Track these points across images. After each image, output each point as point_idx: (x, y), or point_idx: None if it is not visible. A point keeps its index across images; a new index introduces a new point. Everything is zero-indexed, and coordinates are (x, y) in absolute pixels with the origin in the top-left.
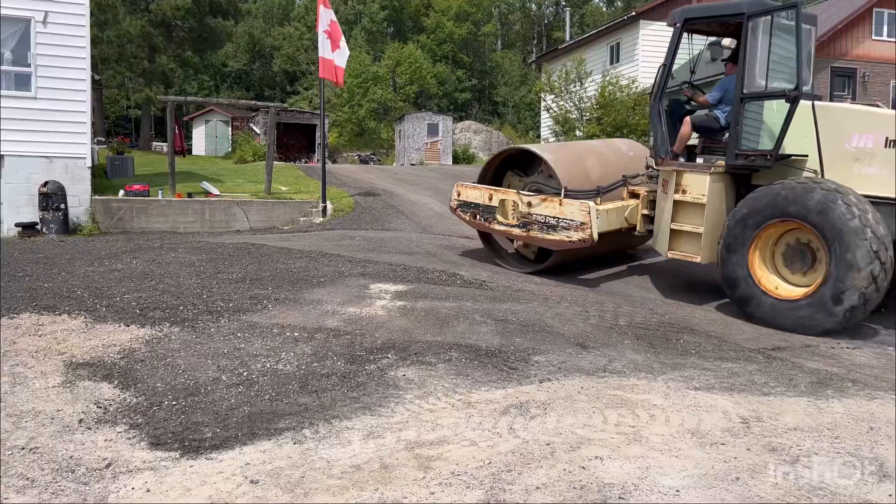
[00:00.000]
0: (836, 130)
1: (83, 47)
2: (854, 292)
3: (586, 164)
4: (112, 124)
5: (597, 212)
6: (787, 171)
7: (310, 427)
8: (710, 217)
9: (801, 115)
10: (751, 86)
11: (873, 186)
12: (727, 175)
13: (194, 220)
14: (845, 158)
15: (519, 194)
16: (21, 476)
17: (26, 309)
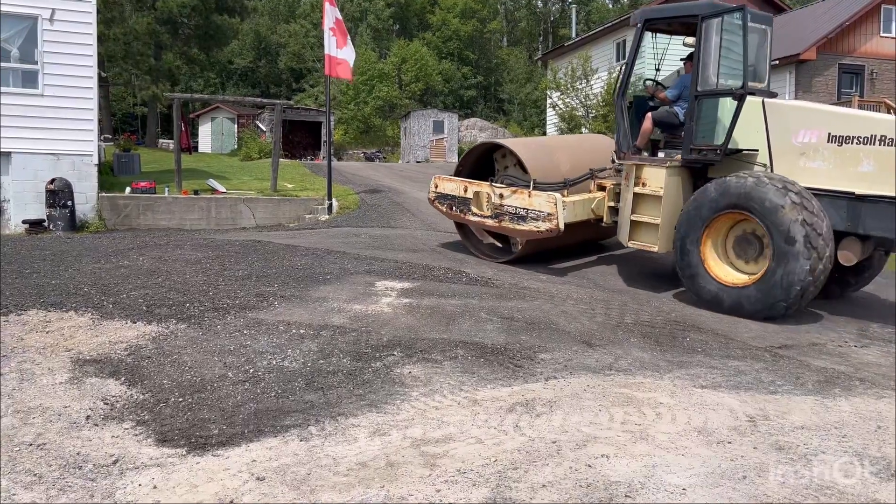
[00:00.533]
0: (783, 127)
1: (90, 45)
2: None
3: (556, 159)
4: (118, 122)
5: (563, 203)
6: (739, 165)
7: (316, 424)
8: (666, 209)
9: (752, 112)
10: (704, 84)
11: (817, 179)
12: (684, 169)
13: (200, 217)
14: (792, 153)
15: (491, 186)
16: (29, 472)
17: (34, 305)
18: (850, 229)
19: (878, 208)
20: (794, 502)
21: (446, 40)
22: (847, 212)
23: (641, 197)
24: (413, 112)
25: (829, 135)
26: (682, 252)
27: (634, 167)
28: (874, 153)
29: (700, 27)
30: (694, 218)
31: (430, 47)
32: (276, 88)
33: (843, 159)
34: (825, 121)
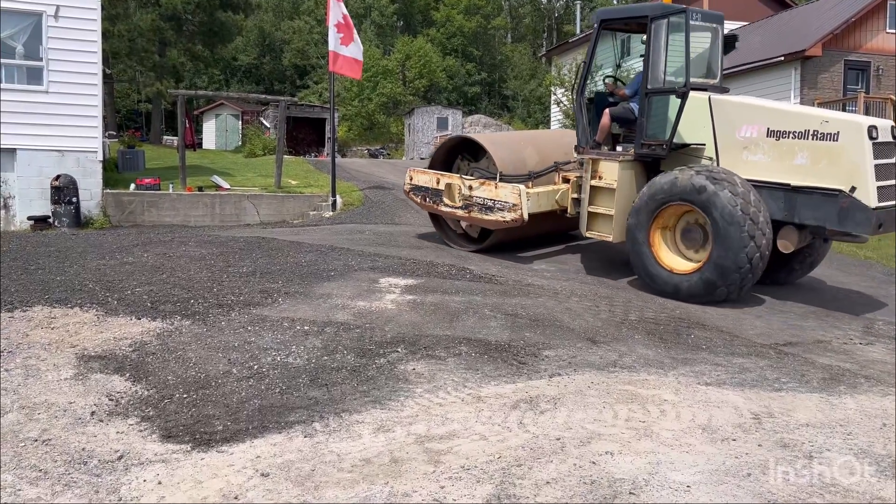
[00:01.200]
0: (728, 122)
1: (94, 41)
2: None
3: (524, 152)
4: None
5: (527, 195)
6: (688, 158)
7: (320, 420)
8: (620, 200)
9: (700, 109)
10: (653, 82)
11: (758, 172)
12: (637, 163)
13: (205, 213)
14: (736, 147)
15: (461, 178)
16: (34, 468)
17: (39, 302)
18: (787, 219)
19: (812, 199)
20: (798, 500)
21: (450, 37)
22: (784, 202)
23: (598, 189)
24: (417, 109)
25: (769, 130)
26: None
27: (591, 161)
28: (808, 147)
29: (649, 27)
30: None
31: (434, 44)
32: (280, 85)
33: (780, 153)
34: (765, 116)
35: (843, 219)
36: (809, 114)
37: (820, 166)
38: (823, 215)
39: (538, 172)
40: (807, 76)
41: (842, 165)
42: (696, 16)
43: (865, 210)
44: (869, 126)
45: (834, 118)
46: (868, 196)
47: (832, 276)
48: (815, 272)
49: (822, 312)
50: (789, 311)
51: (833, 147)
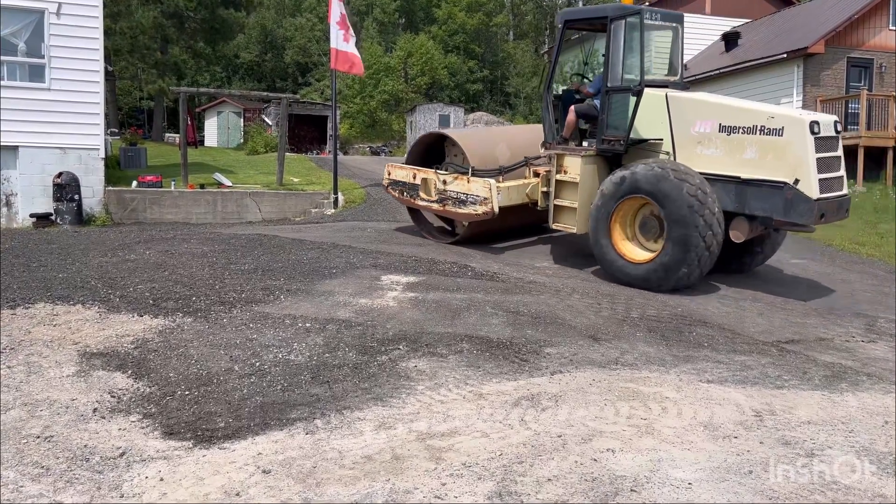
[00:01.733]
0: (683, 118)
1: (96, 38)
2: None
3: (496, 148)
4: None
5: (497, 188)
6: (647, 153)
7: (322, 417)
8: (583, 194)
9: (657, 105)
10: (612, 80)
11: (711, 165)
12: (599, 157)
13: (206, 211)
14: (691, 142)
15: (436, 173)
16: (36, 464)
17: (41, 299)
18: (738, 210)
19: (761, 191)
20: (800, 497)
21: (452, 34)
22: (735, 194)
23: (562, 183)
24: (419, 106)
25: (721, 125)
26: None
27: (557, 156)
28: (756, 142)
29: (609, 28)
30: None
31: (436, 41)
32: (281, 82)
33: (731, 147)
34: (717, 113)
35: (788, 210)
36: (757, 110)
37: (767, 160)
38: (771, 206)
39: (508, 167)
40: (809, 73)
41: (786, 159)
42: (656, 16)
43: (808, 201)
44: (811, 122)
45: (779, 114)
46: (811, 188)
47: (834, 274)
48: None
49: (824, 310)
50: (791, 308)
51: (778, 142)
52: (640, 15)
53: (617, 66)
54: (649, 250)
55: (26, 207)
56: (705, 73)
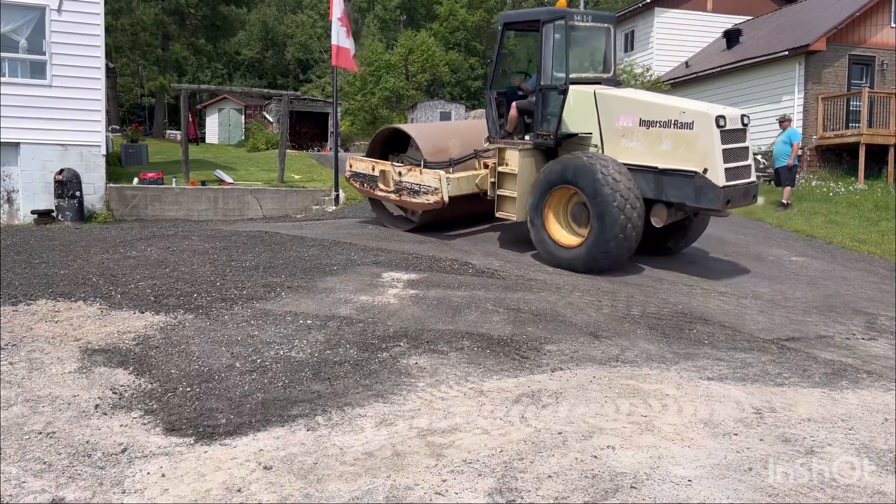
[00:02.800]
0: (609, 113)
1: (97, 35)
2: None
3: (449, 142)
4: (126, 112)
5: (447, 179)
6: (579, 146)
7: (323, 414)
8: (521, 184)
9: (587, 102)
10: (544, 79)
11: (633, 157)
12: (537, 150)
13: (208, 207)
14: (616, 135)
15: (393, 165)
16: (38, 460)
17: (43, 295)
18: (657, 197)
19: (675, 179)
20: (799, 495)
21: (453, 31)
22: (654, 183)
23: (504, 175)
24: (420, 103)
25: (641, 119)
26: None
27: (499, 149)
28: (670, 135)
29: (541, 30)
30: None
31: (437, 38)
32: (283, 79)
33: (650, 140)
34: (638, 108)
35: (699, 196)
36: (671, 105)
37: (680, 151)
38: (684, 194)
39: (458, 159)
40: (811, 71)
41: (696, 150)
42: (587, 17)
43: (715, 188)
44: (717, 116)
45: (690, 109)
46: (717, 176)
47: (834, 272)
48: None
49: (824, 307)
50: (792, 306)
51: (689, 134)
52: (565, 19)
53: (548, 66)
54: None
55: (27, 204)
56: (706, 71)
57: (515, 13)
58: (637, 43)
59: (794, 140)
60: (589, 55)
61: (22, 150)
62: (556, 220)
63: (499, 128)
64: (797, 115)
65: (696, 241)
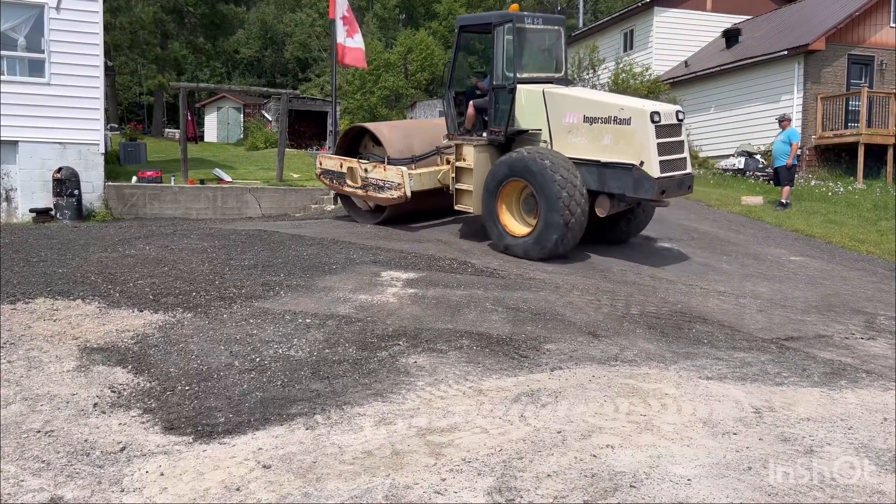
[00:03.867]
0: (557, 111)
1: (96, 33)
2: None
3: (414, 140)
4: (125, 111)
5: (409, 175)
6: (529, 142)
7: (322, 413)
8: (477, 178)
9: (537, 100)
10: (496, 79)
11: (578, 151)
12: (491, 146)
13: (206, 206)
14: (563, 131)
15: (359, 163)
16: (37, 458)
17: (41, 294)
18: (600, 189)
19: (615, 172)
20: (799, 494)
21: (453, 30)
22: (597, 176)
23: (462, 170)
24: (419, 102)
25: (585, 116)
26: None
27: (457, 146)
28: (611, 130)
29: (492, 32)
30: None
31: (436, 37)
32: (282, 78)
33: (593, 135)
34: (582, 105)
35: (636, 187)
36: (612, 102)
37: (619, 145)
38: (623, 185)
39: (420, 156)
40: (810, 71)
41: (633, 144)
42: (537, 20)
43: (650, 180)
44: (652, 112)
45: (627, 106)
46: (652, 168)
47: (833, 271)
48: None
49: (823, 307)
50: (791, 305)
51: (627, 130)
52: (513, 22)
53: (499, 66)
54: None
55: (26, 202)
56: (706, 70)
57: (470, 17)
58: (636, 42)
59: (793, 140)
60: (540, 56)
61: (20, 148)
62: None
63: (458, 126)
64: (796, 114)
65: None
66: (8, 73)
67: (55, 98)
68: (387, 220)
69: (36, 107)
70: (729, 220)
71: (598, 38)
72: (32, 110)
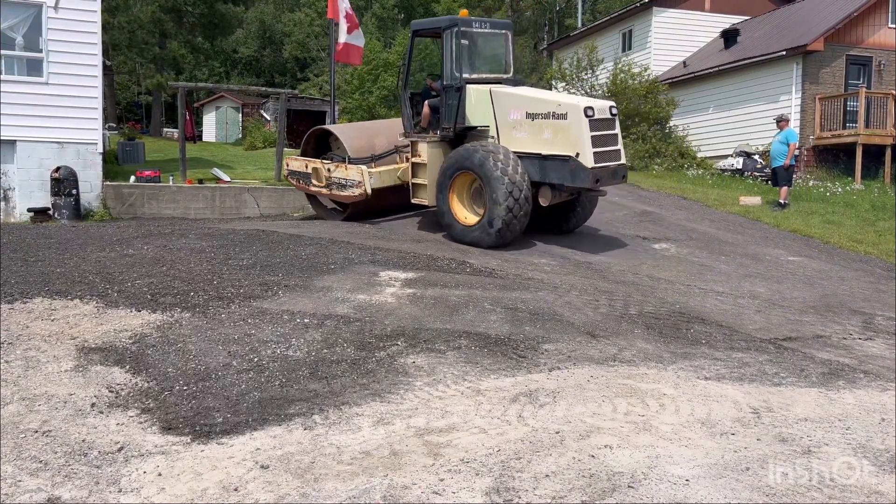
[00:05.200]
0: (503, 108)
1: (95, 33)
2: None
3: (375, 139)
4: (123, 110)
5: (369, 174)
6: (479, 137)
7: (320, 413)
8: (430, 173)
9: (484, 98)
10: (446, 79)
11: (522, 145)
12: (443, 142)
13: (205, 206)
14: (508, 127)
15: (322, 163)
16: (34, 459)
17: (39, 293)
18: (542, 180)
19: (555, 164)
20: (797, 494)
21: None
22: (539, 168)
23: (417, 165)
24: None
25: (527, 113)
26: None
27: (412, 143)
28: (550, 125)
29: (442, 36)
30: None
31: None
32: (280, 78)
33: (535, 130)
34: (524, 103)
35: (573, 177)
36: (550, 99)
37: (558, 139)
38: (562, 175)
39: (379, 155)
40: (808, 71)
41: (569, 138)
42: (485, 25)
43: (586, 170)
44: (585, 107)
45: (564, 102)
46: (587, 159)
47: (831, 272)
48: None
49: (821, 307)
50: (789, 306)
51: (563, 124)
52: (458, 26)
53: (448, 68)
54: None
55: (24, 202)
56: (704, 71)
57: (422, 21)
58: (635, 42)
59: (791, 140)
60: (488, 58)
61: (18, 147)
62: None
63: (414, 125)
64: (795, 114)
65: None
66: (6, 72)
67: (53, 97)
68: (351, 217)
69: (34, 106)
70: (727, 220)
71: (596, 39)
72: (30, 109)
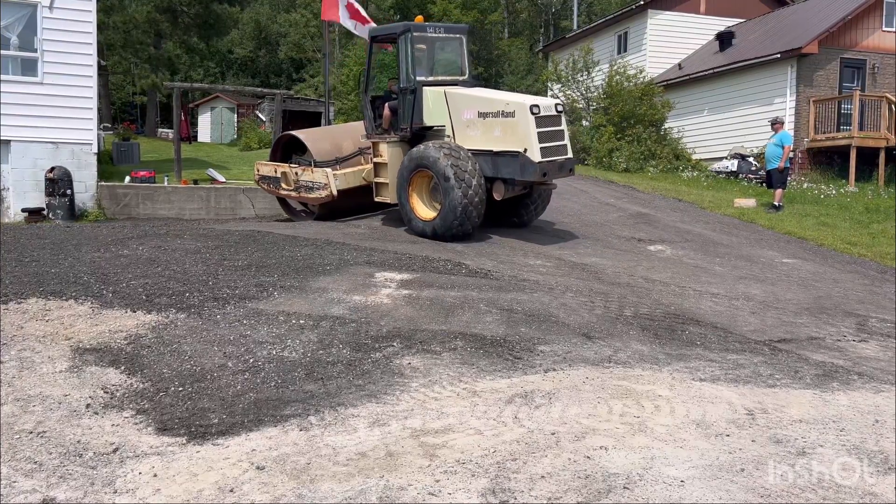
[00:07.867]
0: (457, 108)
1: (90, 33)
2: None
3: (341, 143)
4: (118, 110)
5: (334, 175)
6: (436, 137)
7: (315, 414)
8: (391, 172)
9: (440, 99)
10: (403, 82)
11: (475, 143)
12: (403, 142)
13: (200, 206)
14: (462, 126)
15: (290, 167)
16: (29, 460)
17: (33, 294)
18: (495, 175)
19: (505, 159)
20: (791, 495)
21: None
22: (491, 164)
23: (379, 164)
24: None
25: (479, 112)
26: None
27: (374, 143)
28: (500, 123)
29: (397, 42)
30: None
31: None
32: (276, 78)
33: (487, 128)
34: (477, 103)
35: (522, 171)
36: (499, 99)
37: (507, 136)
38: (512, 170)
39: (343, 157)
40: (803, 74)
41: (518, 134)
42: (439, 30)
43: (533, 164)
44: (531, 105)
45: (512, 101)
46: (534, 154)
47: (825, 274)
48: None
49: (815, 309)
50: (783, 307)
51: (512, 122)
52: (411, 32)
53: (404, 71)
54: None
55: (18, 202)
56: (699, 73)
57: (380, 28)
58: (630, 45)
59: (785, 142)
60: (443, 61)
61: (13, 147)
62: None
63: (375, 126)
64: (789, 117)
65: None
66: (1, 71)
67: (48, 97)
68: (320, 218)
69: (28, 106)
70: (722, 222)
71: (592, 41)
72: (25, 109)
